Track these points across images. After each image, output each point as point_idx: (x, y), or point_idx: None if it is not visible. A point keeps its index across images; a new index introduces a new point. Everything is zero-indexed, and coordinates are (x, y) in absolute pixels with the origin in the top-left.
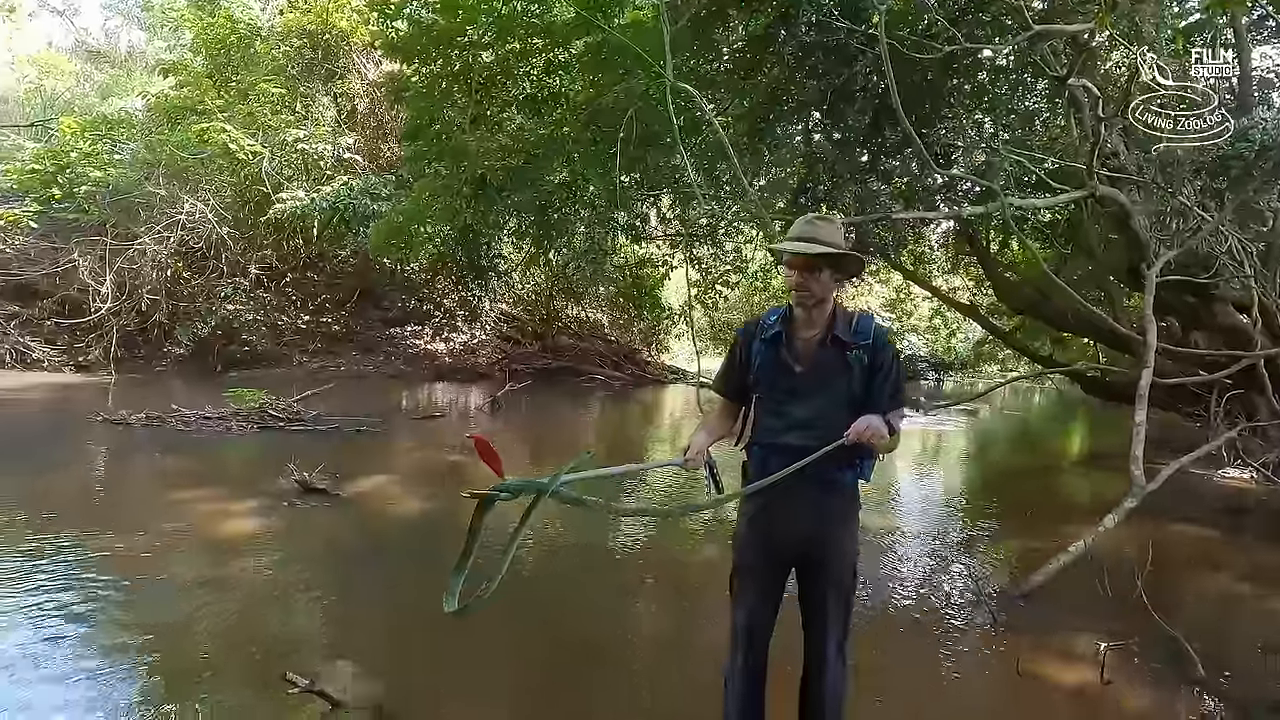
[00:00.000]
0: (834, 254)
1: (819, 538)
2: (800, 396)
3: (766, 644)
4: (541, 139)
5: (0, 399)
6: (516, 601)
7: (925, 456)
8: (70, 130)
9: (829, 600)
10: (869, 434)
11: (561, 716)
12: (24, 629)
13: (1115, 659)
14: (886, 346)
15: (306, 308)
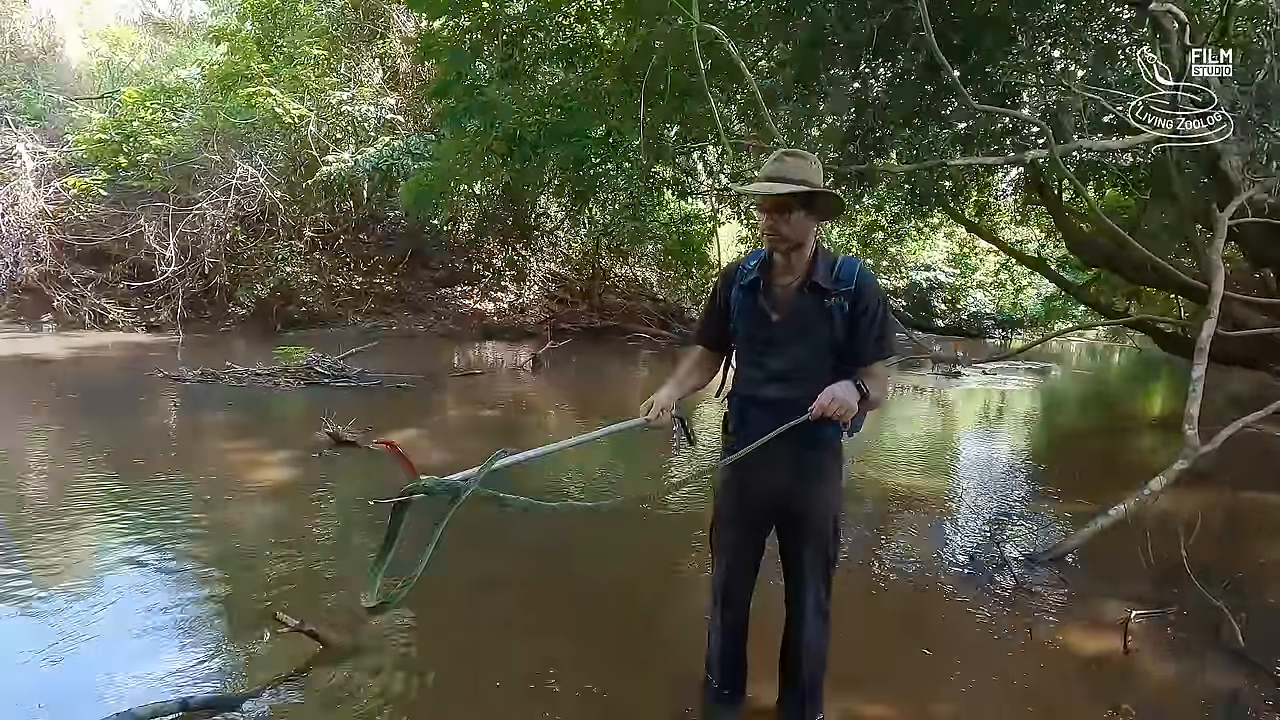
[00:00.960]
0: (804, 192)
1: (798, 492)
2: (778, 346)
3: (745, 599)
4: (576, 91)
5: (81, 356)
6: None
7: (985, 416)
8: (132, 100)
9: (806, 555)
10: (834, 408)
11: (573, 655)
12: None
13: (1146, 628)
14: (870, 292)
15: (359, 269)
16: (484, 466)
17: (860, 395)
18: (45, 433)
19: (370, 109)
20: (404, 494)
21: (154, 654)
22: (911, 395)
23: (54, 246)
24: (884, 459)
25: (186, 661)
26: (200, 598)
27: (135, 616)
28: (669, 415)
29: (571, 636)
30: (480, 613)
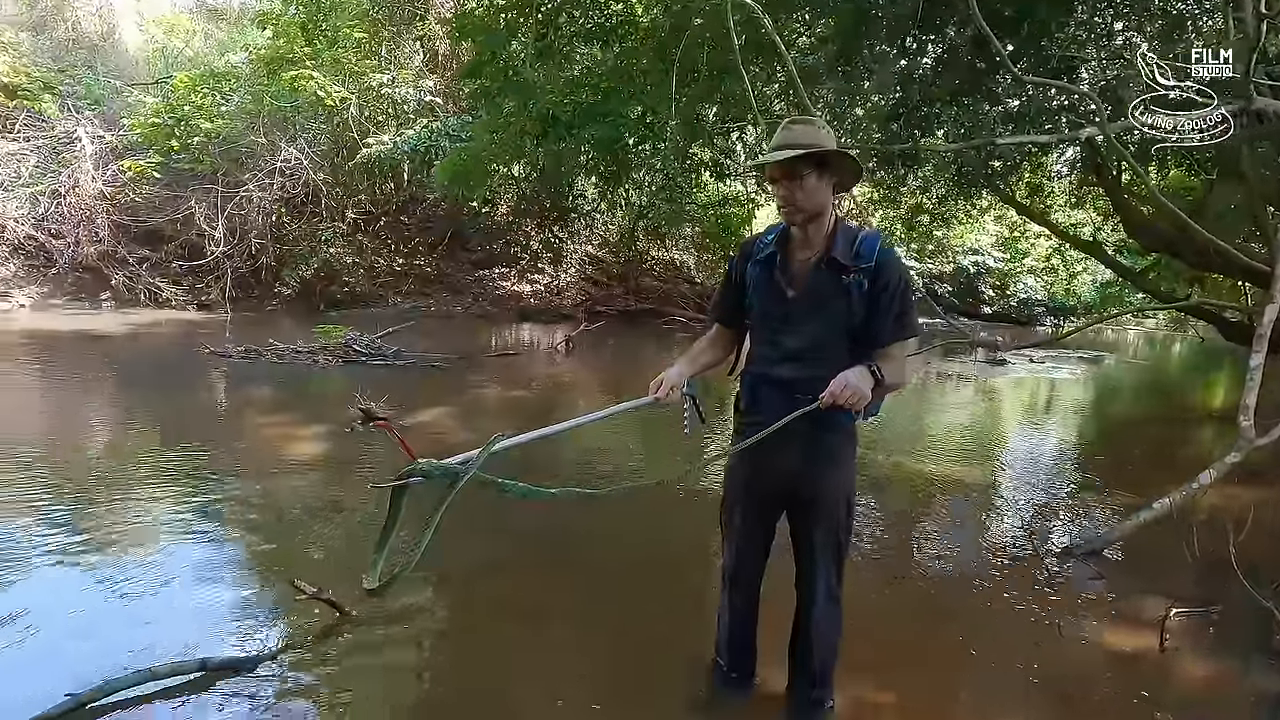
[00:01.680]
0: (814, 154)
1: (808, 476)
2: (793, 324)
3: (755, 582)
4: (611, 71)
5: (136, 333)
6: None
7: (1032, 405)
8: (183, 85)
9: (816, 538)
10: (845, 396)
11: (579, 636)
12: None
13: (1186, 627)
14: (891, 269)
15: (400, 250)
16: (483, 450)
17: (875, 381)
18: (102, 405)
19: (410, 91)
20: (401, 477)
21: (180, 615)
22: (956, 383)
23: (111, 227)
24: (924, 448)
25: (210, 623)
26: (229, 564)
27: (169, 579)
28: (679, 393)
29: (578, 618)
30: (486, 594)
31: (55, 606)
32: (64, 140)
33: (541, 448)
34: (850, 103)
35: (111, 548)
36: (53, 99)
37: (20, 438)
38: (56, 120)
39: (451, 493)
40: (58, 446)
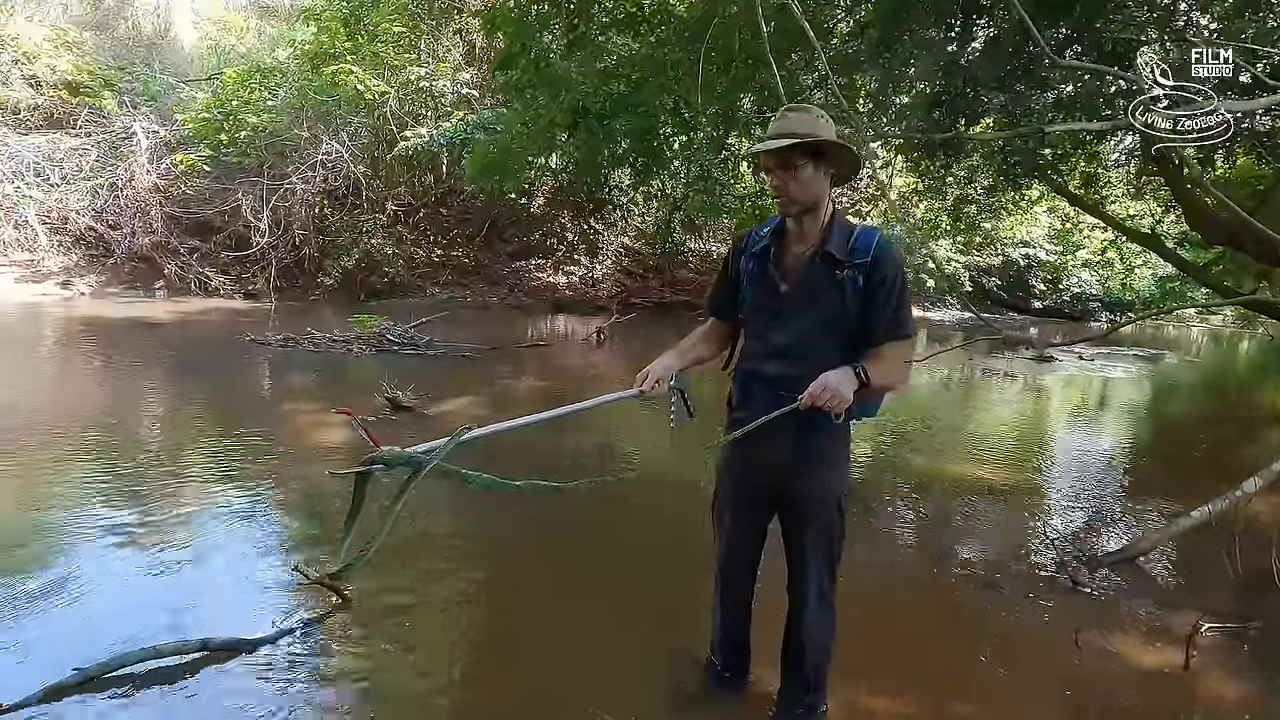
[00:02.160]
0: (809, 144)
1: (796, 475)
2: (784, 319)
3: (746, 581)
4: (643, 61)
5: (186, 321)
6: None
7: (1080, 405)
8: (231, 80)
9: (806, 540)
10: (824, 398)
11: (571, 629)
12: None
13: (1217, 643)
14: (888, 265)
15: (439, 242)
16: (449, 441)
17: (859, 383)
18: (150, 390)
19: (447, 84)
20: (363, 464)
21: (188, 595)
22: (1000, 381)
23: (164, 218)
24: (962, 448)
25: (216, 604)
26: (245, 547)
27: (186, 561)
28: (664, 387)
29: (571, 611)
30: (483, 582)
31: (101, 575)
32: (122, 135)
33: (540, 439)
34: (893, 91)
35: (155, 526)
36: (112, 96)
37: (80, 420)
38: (115, 116)
39: (411, 482)
40: (115, 429)
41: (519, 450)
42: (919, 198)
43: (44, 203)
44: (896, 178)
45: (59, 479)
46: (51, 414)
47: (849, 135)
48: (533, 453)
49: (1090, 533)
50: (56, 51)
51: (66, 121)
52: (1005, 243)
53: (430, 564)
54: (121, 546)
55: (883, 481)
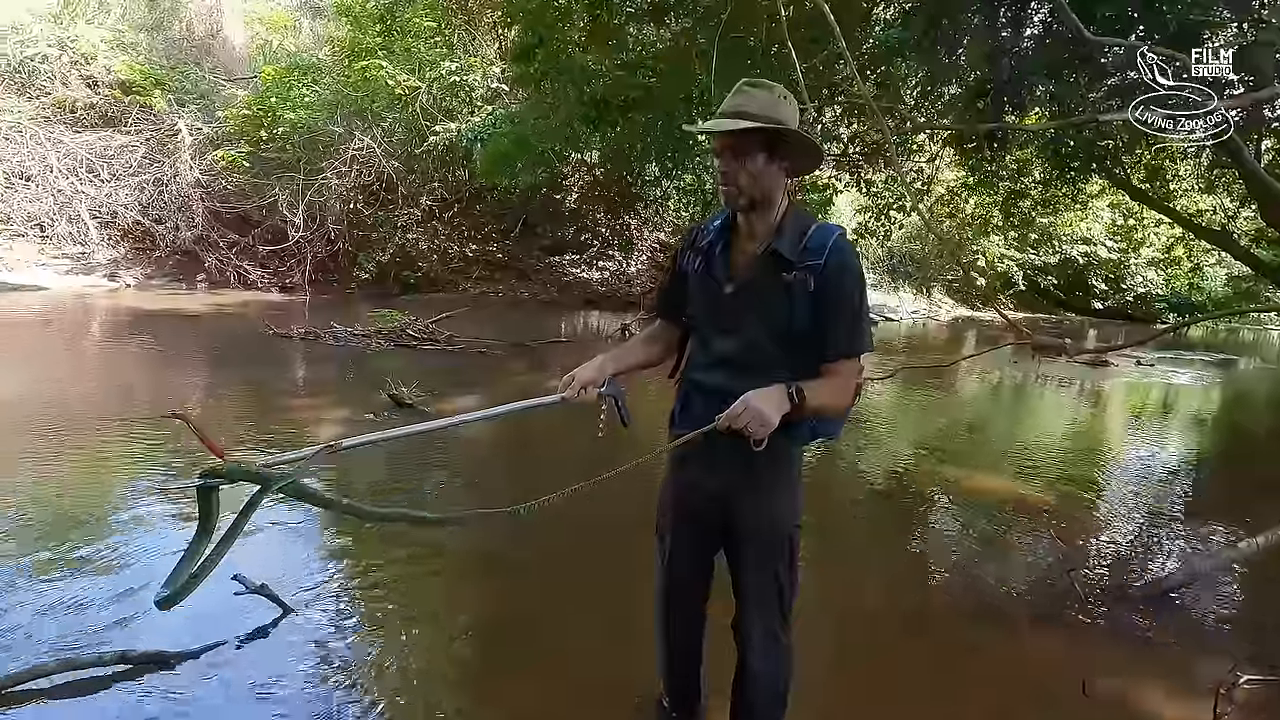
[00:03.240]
0: (764, 130)
1: (735, 501)
2: (727, 325)
3: (693, 611)
4: (665, 52)
5: (222, 313)
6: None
7: (1137, 415)
8: (269, 77)
9: (748, 579)
10: (744, 421)
11: (521, 654)
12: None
13: (1256, 698)
14: (842, 270)
15: (474, 237)
16: (310, 453)
17: (791, 404)
18: (179, 381)
19: (477, 78)
20: (201, 478)
21: (113, 603)
22: (1050, 388)
23: (206, 213)
24: (996, 458)
25: (140, 611)
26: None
27: (128, 561)
28: (593, 392)
29: (522, 634)
30: (424, 607)
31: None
32: (169, 133)
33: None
34: (938, 80)
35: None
36: (162, 94)
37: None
38: (164, 114)
39: (257, 502)
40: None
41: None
42: (967, 192)
43: (94, 198)
44: (945, 171)
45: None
46: (54, 404)
47: (892, 127)
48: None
49: (1125, 560)
50: (112, 52)
51: (119, 120)
52: (1062, 239)
53: (378, 576)
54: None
55: (902, 493)
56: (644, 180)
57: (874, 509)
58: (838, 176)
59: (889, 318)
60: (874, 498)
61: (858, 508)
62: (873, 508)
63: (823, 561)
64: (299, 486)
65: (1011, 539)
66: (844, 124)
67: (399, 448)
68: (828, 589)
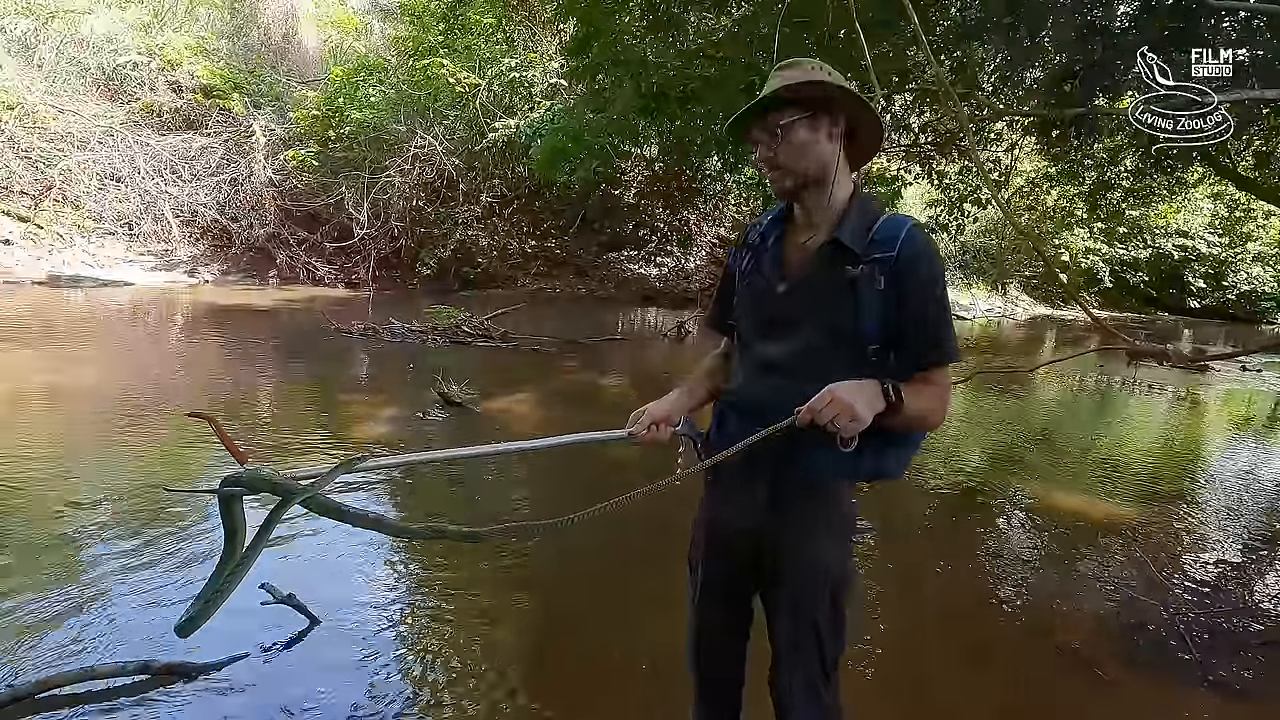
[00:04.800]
0: (792, 88)
1: (774, 543)
2: (779, 328)
3: (722, 655)
4: (729, 39)
5: (291, 308)
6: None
7: (1244, 427)
8: (337, 78)
9: (784, 628)
10: (831, 413)
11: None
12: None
13: None
14: (921, 263)
15: (533, 233)
16: (334, 470)
17: (887, 403)
18: (240, 373)
19: (537, 74)
20: (223, 487)
21: (145, 610)
22: (1142, 395)
23: (277, 211)
24: (1081, 472)
25: (173, 621)
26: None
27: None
28: (667, 431)
29: (557, 651)
30: (455, 621)
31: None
32: (245, 134)
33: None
34: (1019, 63)
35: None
36: (239, 97)
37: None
38: (241, 117)
39: (278, 515)
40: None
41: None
42: (1049, 183)
43: (177, 197)
44: (1025, 161)
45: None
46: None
47: (968, 115)
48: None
49: (1222, 593)
50: (196, 59)
51: (199, 122)
52: (1155, 232)
53: (407, 588)
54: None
55: (972, 508)
56: (704, 174)
57: (940, 525)
58: (907, 168)
59: (960, 316)
60: (941, 513)
61: (922, 523)
62: (939, 524)
63: (881, 582)
64: (321, 500)
65: (1093, 563)
66: (915, 112)
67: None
68: (885, 613)
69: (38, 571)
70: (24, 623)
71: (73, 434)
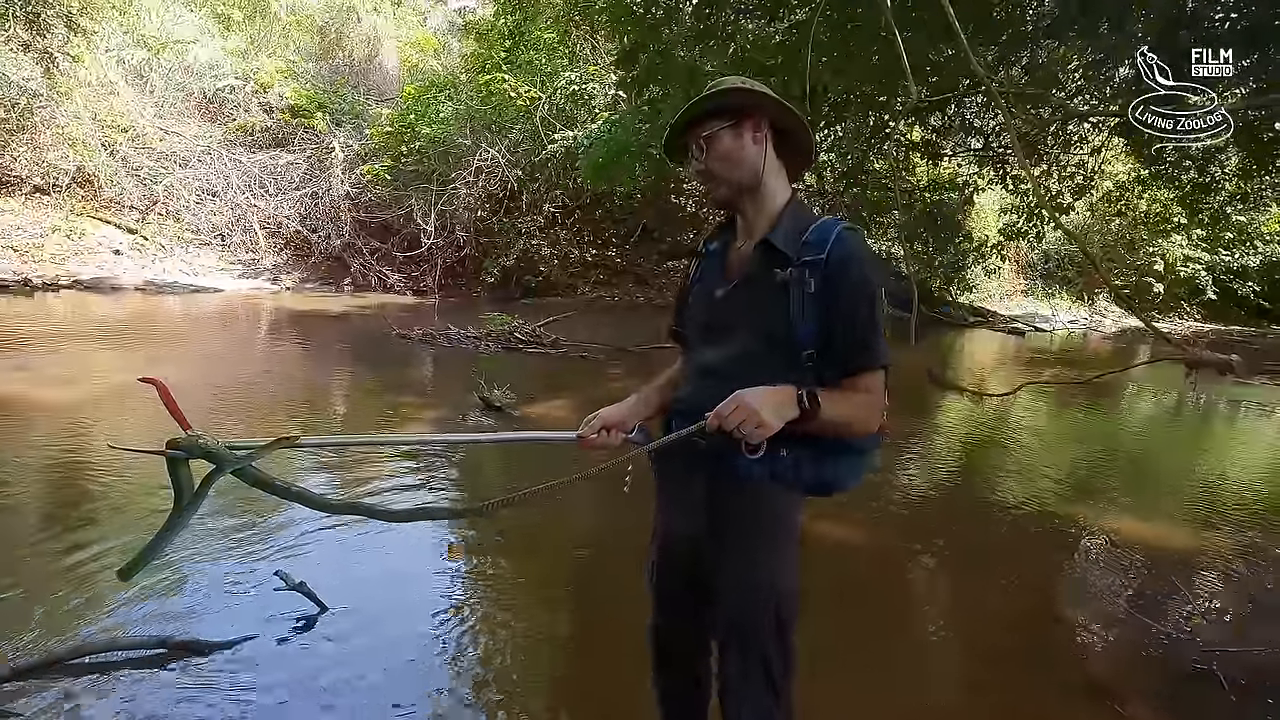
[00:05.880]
0: (711, 95)
1: (709, 551)
2: (715, 332)
3: (679, 669)
4: (777, 47)
5: (363, 314)
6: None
7: None
8: (409, 96)
9: (732, 659)
10: (736, 420)
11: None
12: None
13: None
14: (851, 266)
15: (594, 242)
16: (268, 445)
17: (801, 410)
18: (310, 371)
19: (596, 87)
20: (166, 449)
21: (170, 592)
22: (1243, 414)
23: (352, 223)
24: (1168, 499)
25: (196, 602)
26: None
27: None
28: (618, 436)
29: (557, 647)
30: (465, 611)
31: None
32: (325, 150)
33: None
34: (1104, 59)
35: None
36: (323, 116)
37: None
38: (323, 134)
39: (209, 483)
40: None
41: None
42: (1140, 187)
43: (263, 210)
44: (1114, 163)
45: None
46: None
47: (1045, 117)
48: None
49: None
50: (285, 81)
51: (286, 140)
52: (1267, 238)
53: (416, 579)
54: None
55: (1039, 530)
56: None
57: (1003, 548)
58: (980, 173)
59: (1039, 328)
60: (1008, 536)
61: (981, 545)
62: (1001, 547)
63: (933, 605)
64: (252, 472)
65: (1136, 588)
66: (987, 115)
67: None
68: (934, 644)
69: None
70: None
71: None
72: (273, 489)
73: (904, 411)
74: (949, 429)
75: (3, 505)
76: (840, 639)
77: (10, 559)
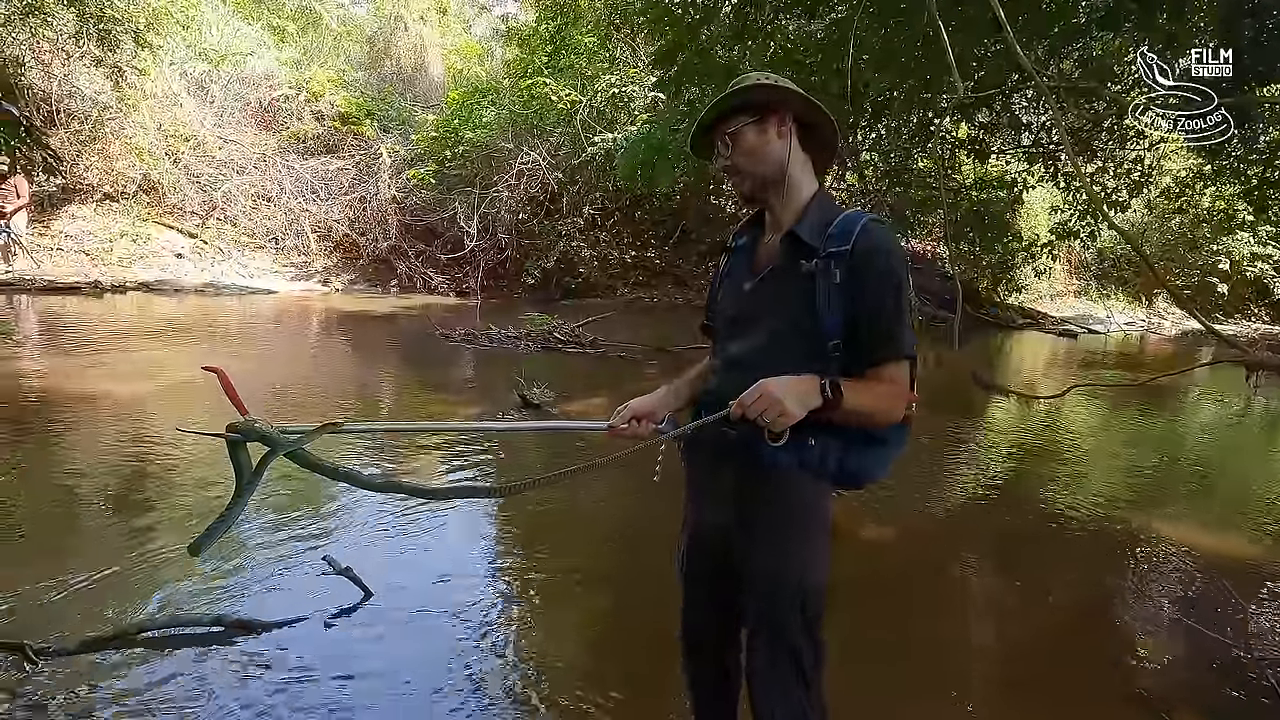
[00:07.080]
0: (734, 93)
1: (738, 540)
2: (742, 324)
3: (719, 650)
4: (817, 45)
5: (408, 315)
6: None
7: None
8: (453, 101)
9: (755, 641)
10: (759, 408)
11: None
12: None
13: None
14: (876, 257)
15: (633, 244)
16: (317, 430)
17: (824, 399)
18: (355, 369)
19: (636, 89)
20: (227, 432)
21: (225, 574)
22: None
23: (399, 226)
24: (1185, 499)
25: (249, 584)
26: (281, 532)
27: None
28: (648, 427)
29: (594, 636)
30: (510, 605)
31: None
32: (373, 156)
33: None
34: (1170, 50)
35: None
36: (371, 123)
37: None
38: (372, 141)
39: (266, 463)
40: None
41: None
42: (1202, 183)
43: (315, 214)
44: (1173, 159)
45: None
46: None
47: (1099, 112)
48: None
49: None
50: (335, 90)
51: (336, 146)
52: None
53: (469, 571)
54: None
55: (1087, 538)
56: None
57: (1051, 550)
58: (1029, 170)
59: (1093, 330)
60: (1055, 537)
61: (1029, 551)
62: (1049, 549)
63: (975, 605)
64: (303, 454)
65: (1232, 611)
66: (1037, 110)
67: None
68: (979, 654)
69: (180, 534)
70: (157, 566)
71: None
72: (322, 470)
73: (950, 412)
74: (997, 430)
75: (79, 489)
76: (878, 631)
77: (85, 540)
